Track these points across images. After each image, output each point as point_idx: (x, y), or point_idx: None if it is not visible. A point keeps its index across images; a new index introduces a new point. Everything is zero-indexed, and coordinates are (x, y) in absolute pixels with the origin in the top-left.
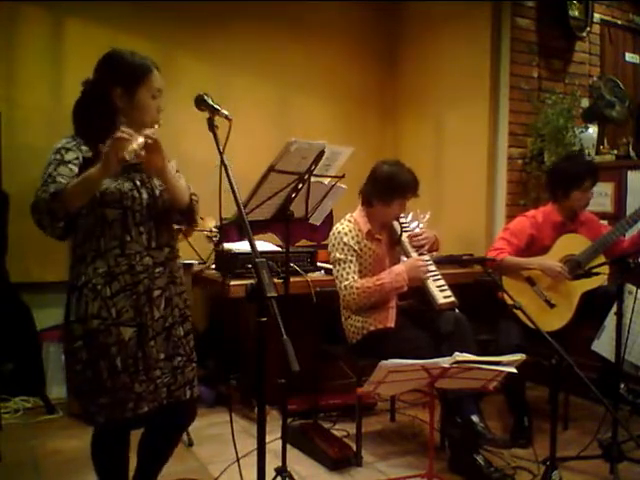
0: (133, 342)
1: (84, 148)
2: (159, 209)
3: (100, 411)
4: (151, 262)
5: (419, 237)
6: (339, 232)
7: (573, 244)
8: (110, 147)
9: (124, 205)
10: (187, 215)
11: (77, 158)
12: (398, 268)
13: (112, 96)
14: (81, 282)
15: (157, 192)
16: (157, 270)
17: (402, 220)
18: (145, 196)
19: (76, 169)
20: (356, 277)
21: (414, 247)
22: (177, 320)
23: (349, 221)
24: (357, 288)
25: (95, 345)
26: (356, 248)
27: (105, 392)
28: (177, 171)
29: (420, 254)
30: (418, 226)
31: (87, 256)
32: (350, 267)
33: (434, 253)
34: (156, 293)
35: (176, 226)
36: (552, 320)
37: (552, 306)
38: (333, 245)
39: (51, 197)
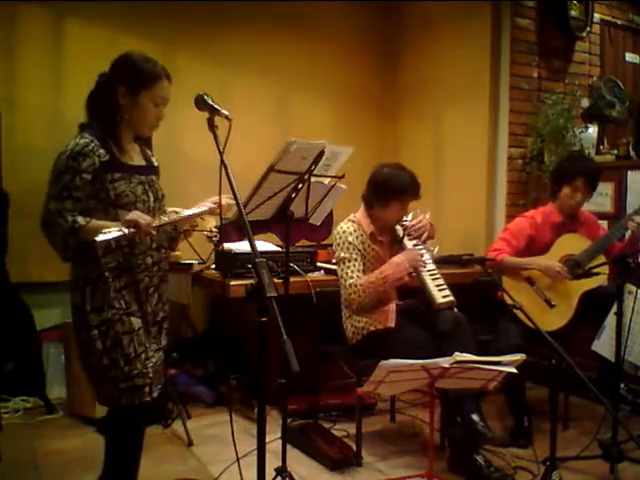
0: (142, 331)
1: (102, 152)
2: (161, 212)
3: (122, 395)
4: (150, 261)
5: (416, 226)
6: (344, 232)
7: (573, 244)
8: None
9: (137, 208)
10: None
11: (92, 164)
12: (397, 259)
13: (116, 93)
14: (95, 274)
15: (160, 195)
16: (154, 269)
17: (404, 223)
18: (152, 199)
19: (89, 177)
20: (360, 275)
21: (413, 238)
22: (167, 315)
23: (352, 222)
24: (361, 285)
25: (110, 334)
26: (360, 248)
27: (124, 378)
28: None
29: (415, 245)
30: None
31: (98, 250)
32: (355, 265)
33: (434, 251)
34: (151, 290)
35: None
36: (552, 320)
37: (552, 306)
38: (338, 244)
39: (70, 231)
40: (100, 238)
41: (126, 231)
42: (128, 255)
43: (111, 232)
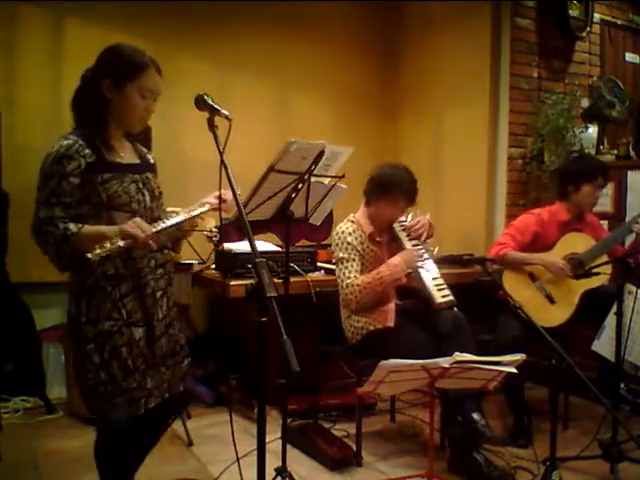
0: (143, 342)
1: (87, 152)
2: (160, 211)
3: (115, 410)
4: (154, 264)
5: (415, 227)
6: (343, 232)
7: (577, 242)
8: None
9: (132, 209)
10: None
11: (78, 167)
12: (395, 260)
13: (101, 87)
14: (89, 284)
15: (157, 193)
16: (159, 272)
17: (403, 224)
18: (148, 198)
19: (77, 180)
20: (358, 275)
21: (413, 238)
22: (174, 318)
23: (352, 222)
24: (358, 285)
25: (107, 347)
26: (359, 249)
27: (120, 393)
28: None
29: (414, 245)
30: (407, 218)
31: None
32: (352, 266)
33: (434, 251)
34: (159, 294)
35: None
36: (552, 316)
37: (553, 302)
38: (337, 244)
39: (63, 239)
40: (94, 254)
41: (122, 244)
42: (128, 260)
43: (106, 246)
